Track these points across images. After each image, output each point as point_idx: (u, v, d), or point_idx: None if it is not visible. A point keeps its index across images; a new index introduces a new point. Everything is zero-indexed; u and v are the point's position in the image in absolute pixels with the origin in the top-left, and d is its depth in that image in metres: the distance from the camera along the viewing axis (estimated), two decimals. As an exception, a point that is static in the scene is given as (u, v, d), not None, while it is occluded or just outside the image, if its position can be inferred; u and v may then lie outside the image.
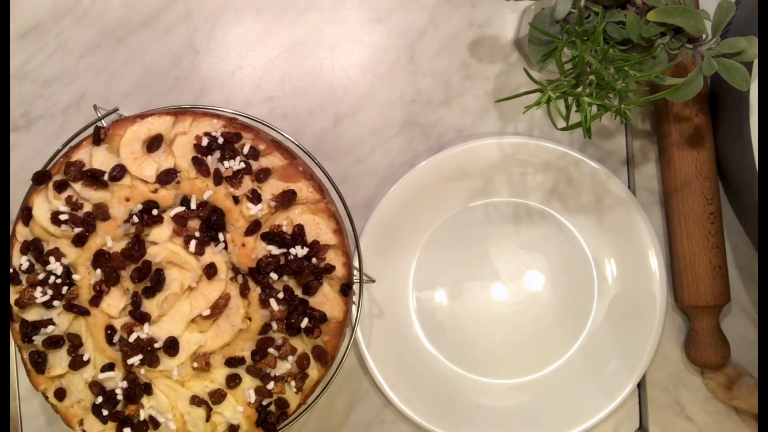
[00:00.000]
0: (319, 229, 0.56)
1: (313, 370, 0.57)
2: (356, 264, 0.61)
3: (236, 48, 0.72)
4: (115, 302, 0.56)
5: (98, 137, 0.58)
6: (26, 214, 0.58)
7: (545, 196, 0.70)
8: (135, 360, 0.56)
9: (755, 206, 0.59)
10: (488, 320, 0.69)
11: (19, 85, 0.71)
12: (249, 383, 0.57)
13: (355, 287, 0.60)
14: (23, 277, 0.57)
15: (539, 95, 0.56)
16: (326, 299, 0.56)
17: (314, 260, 0.56)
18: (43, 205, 0.57)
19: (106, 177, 0.56)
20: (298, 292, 0.57)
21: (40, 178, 0.58)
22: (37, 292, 0.56)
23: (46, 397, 0.58)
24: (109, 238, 0.56)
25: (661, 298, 0.66)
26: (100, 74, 0.71)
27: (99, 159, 0.57)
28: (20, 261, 0.57)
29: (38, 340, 0.57)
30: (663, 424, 0.68)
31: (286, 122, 0.71)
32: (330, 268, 0.56)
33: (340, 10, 0.72)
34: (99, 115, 0.60)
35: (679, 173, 0.66)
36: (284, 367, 0.57)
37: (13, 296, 0.57)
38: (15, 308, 0.57)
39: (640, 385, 0.69)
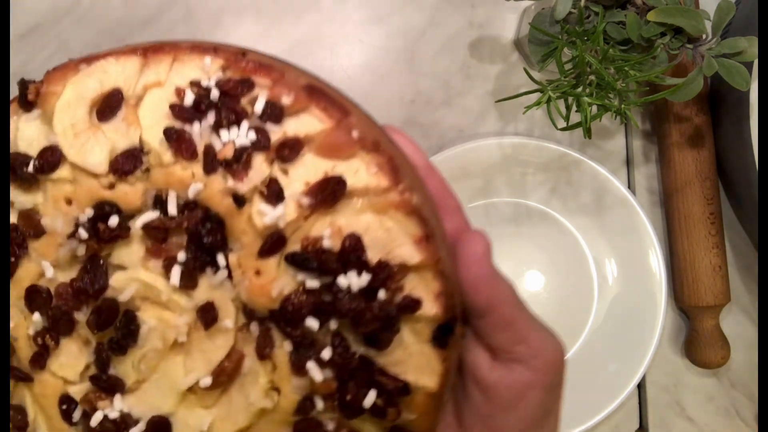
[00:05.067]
0: (391, 240, 0.34)
1: None
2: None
3: (236, 48, 0.72)
4: (71, 360, 0.36)
5: (25, 98, 0.36)
6: None
7: (545, 197, 0.70)
8: None
9: (755, 206, 0.59)
10: (488, 320, 0.69)
11: (19, 85, 0.71)
12: None
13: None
14: None
15: (539, 95, 0.56)
16: (408, 355, 0.34)
17: (383, 294, 0.33)
18: None
19: (31, 167, 0.35)
20: (358, 347, 0.34)
21: None
22: None
23: None
24: (48, 264, 0.35)
25: (661, 298, 0.66)
26: (100, 74, 0.71)
27: (27, 135, 0.36)
28: None
29: None
30: (663, 424, 0.68)
31: (286, 122, 0.71)
32: (411, 305, 0.33)
33: (340, 11, 0.72)
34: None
35: (679, 173, 0.66)
36: None
37: None
38: None
39: (640, 386, 0.69)
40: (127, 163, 0.35)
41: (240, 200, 0.34)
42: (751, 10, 0.58)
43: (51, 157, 0.35)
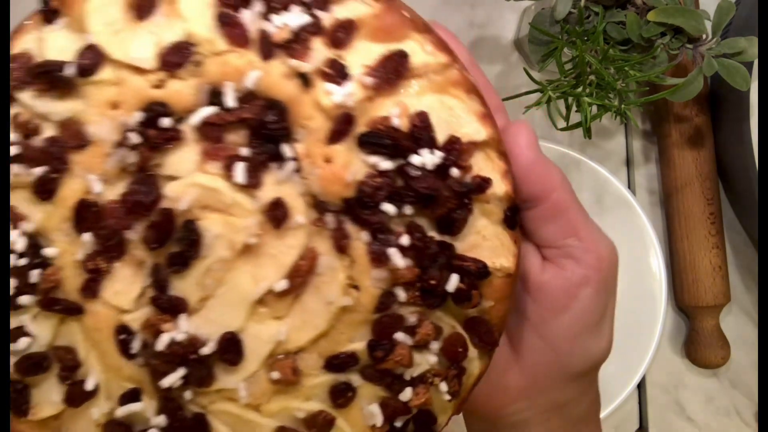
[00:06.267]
0: (455, 118, 0.33)
1: (474, 361, 0.35)
2: None
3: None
4: (125, 286, 0.33)
5: (47, 7, 0.34)
6: None
7: (545, 196, 0.70)
8: (173, 379, 0.33)
9: (755, 206, 0.59)
10: (488, 320, 0.69)
11: (19, 85, 0.71)
12: (370, 395, 0.35)
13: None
14: None
15: (539, 95, 0.56)
16: (483, 239, 0.34)
17: (456, 172, 0.33)
18: None
19: (72, 71, 0.32)
20: (433, 233, 0.34)
21: None
22: None
23: None
24: (95, 178, 0.32)
25: (661, 298, 0.66)
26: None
27: (56, 45, 0.33)
28: None
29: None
30: (663, 424, 0.68)
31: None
32: (482, 184, 0.33)
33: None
34: None
35: (679, 173, 0.66)
36: (425, 361, 0.34)
37: None
38: None
39: (640, 386, 0.69)
40: (176, 56, 0.32)
41: (306, 80, 0.32)
42: (751, 10, 0.58)
43: (93, 57, 0.32)
